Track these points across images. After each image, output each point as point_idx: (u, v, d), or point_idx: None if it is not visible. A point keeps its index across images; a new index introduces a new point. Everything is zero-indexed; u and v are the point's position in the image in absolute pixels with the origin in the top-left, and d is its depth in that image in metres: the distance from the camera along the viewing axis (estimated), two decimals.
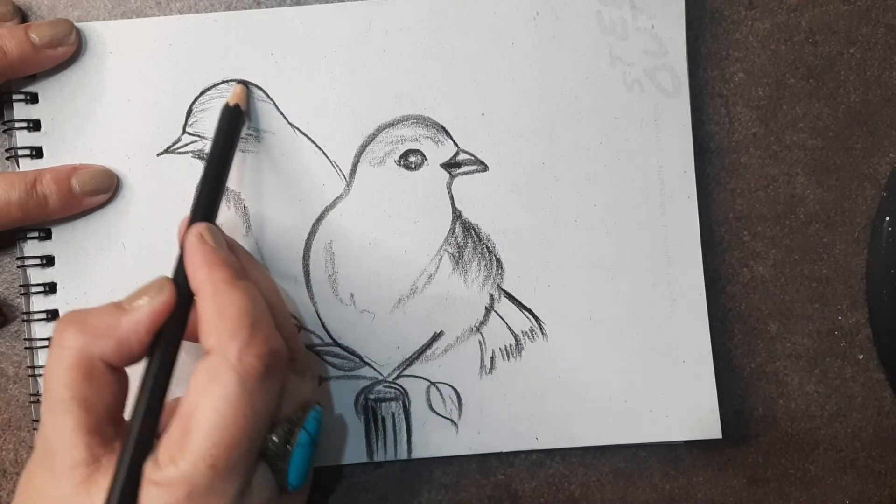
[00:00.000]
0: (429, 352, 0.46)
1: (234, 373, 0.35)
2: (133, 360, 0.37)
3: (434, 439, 0.46)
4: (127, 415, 0.37)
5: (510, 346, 0.46)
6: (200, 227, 0.39)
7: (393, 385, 0.46)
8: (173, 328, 0.37)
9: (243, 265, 0.40)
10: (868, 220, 0.48)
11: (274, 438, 0.37)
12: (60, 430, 0.35)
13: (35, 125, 0.46)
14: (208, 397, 0.34)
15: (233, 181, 0.46)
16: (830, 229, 0.48)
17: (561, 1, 0.46)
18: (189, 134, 0.46)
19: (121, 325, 0.36)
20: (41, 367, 0.45)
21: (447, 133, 0.46)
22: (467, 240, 0.46)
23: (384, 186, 0.46)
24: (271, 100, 0.46)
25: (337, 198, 0.46)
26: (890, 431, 0.48)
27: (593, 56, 0.46)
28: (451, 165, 0.46)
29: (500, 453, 0.47)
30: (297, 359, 0.41)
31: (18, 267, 0.46)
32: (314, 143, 0.46)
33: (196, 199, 0.41)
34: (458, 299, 0.46)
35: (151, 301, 0.37)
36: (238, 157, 0.46)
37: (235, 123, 0.44)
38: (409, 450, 0.46)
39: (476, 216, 0.46)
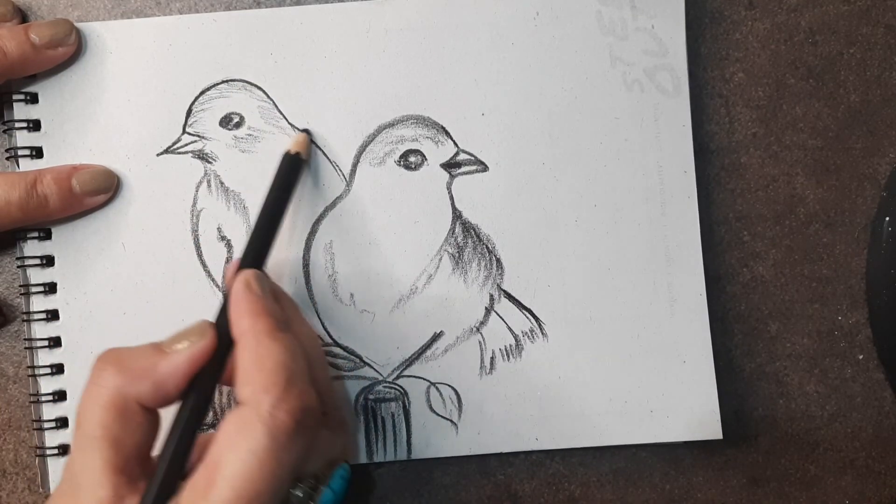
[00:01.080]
0: (429, 352, 0.46)
1: (264, 427, 0.34)
2: (168, 403, 0.37)
3: (434, 440, 0.46)
4: (155, 454, 0.37)
5: (510, 346, 0.46)
6: (248, 274, 0.39)
7: (393, 385, 0.46)
8: (210, 374, 0.37)
9: (287, 316, 0.40)
10: (868, 220, 0.48)
11: (298, 494, 0.37)
12: (88, 467, 0.35)
13: (35, 125, 0.46)
14: (236, 449, 0.34)
15: (233, 181, 0.46)
16: (830, 229, 0.48)
17: (561, 1, 0.46)
18: (189, 134, 0.46)
19: (159, 367, 0.36)
20: (41, 367, 0.46)
21: (447, 133, 0.46)
22: (467, 240, 0.46)
23: (384, 186, 0.46)
24: (271, 100, 0.46)
25: (337, 198, 0.46)
26: (890, 431, 0.48)
27: (593, 56, 0.46)
28: (451, 165, 0.46)
29: (500, 453, 0.47)
30: (330, 413, 0.40)
31: (18, 267, 0.46)
32: (314, 143, 0.46)
33: (247, 245, 0.41)
34: (458, 299, 0.46)
35: (191, 345, 0.37)
36: (239, 157, 0.46)
37: (295, 172, 0.44)
38: (409, 450, 0.46)
39: (476, 216, 0.46)
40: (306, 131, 0.46)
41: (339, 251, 0.46)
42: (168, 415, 0.37)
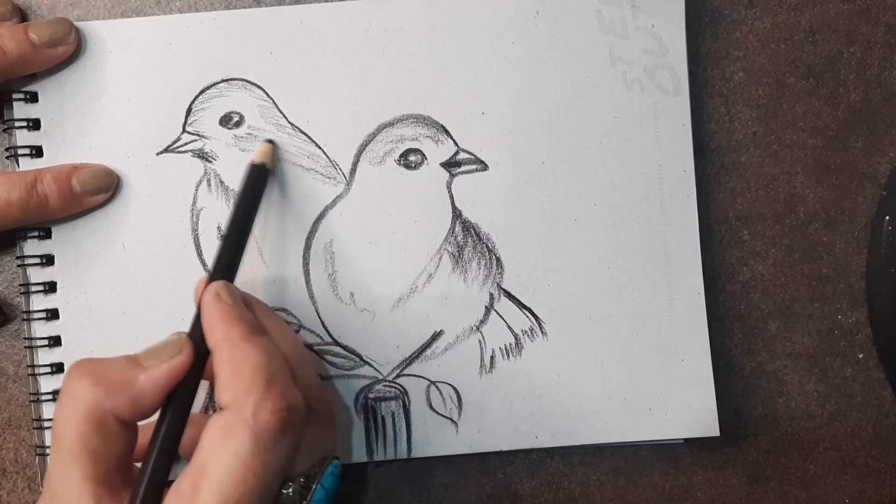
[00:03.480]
0: (429, 351, 0.46)
1: (248, 430, 0.35)
2: (144, 417, 0.37)
3: (434, 438, 0.46)
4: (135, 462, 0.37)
5: (510, 345, 0.46)
6: (217, 285, 0.39)
7: (393, 384, 0.46)
8: (187, 386, 0.37)
9: (260, 320, 0.40)
10: (868, 220, 0.48)
11: (289, 493, 0.37)
12: (68, 481, 0.35)
13: (35, 124, 0.46)
14: (221, 453, 0.34)
15: (233, 180, 0.46)
16: (830, 228, 0.48)
17: (561, 0, 0.46)
18: (189, 133, 0.46)
19: (137, 381, 0.36)
20: (41, 366, 0.46)
21: (447, 132, 0.46)
22: (467, 239, 0.46)
23: (384, 186, 0.46)
24: (271, 99, 0.46)
25: (337, 197, 0.46)
26: (890, 430, 0.48)
27: (593, 55, 0.46)
28: (450, 164, 0.46)
29: (500, 452, 0.47)
30: (319, 409, 0.40)
31: (18, 266, 0.46)
32: (314, 142, 0.46)
33: (217, 257, 0.41)
34: (458, 298, 0.46)
35: (170, 361, 0.37)
36: (238, 157, 0.46)
37: (261, 182, 0.44)
38: (409, 449, 0.46)
39: (476, 215, 0.46)
40: (270, 142, 0.46)
41: (339, 250, 0.46)
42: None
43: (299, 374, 0.39)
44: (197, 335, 0.38)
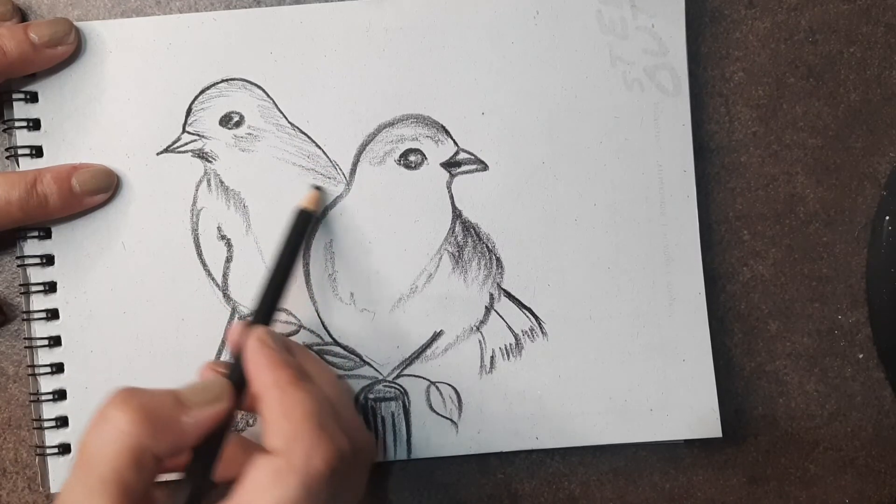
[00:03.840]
0: (429, 351, 0.46)
1: (298, 477, 0.35)
2: (177, 455, 0.36)
3: (434, 439, 0.46)
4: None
5: (510, 345, 0.46)
6: (261, 331, 0.40)
7: (393, 385, 0.46)
8: (223, 427, 0.37)
9: (303, 365, 0.40)
10: (868, 219, 0.48)
11: None
12: None
13: (35, 124, 0.46)
14: (267, 497, 0.34)
15: (233, 180, 0.46)
16: (830, 228, 0.48)
17: (561, 0, 0.46)
18: (189, 133, 0.46)
19: (181, 423, 0.36)
20: (41, 366, 0.45)
21: (447, 132, 0.46)
22: (467, 239, 0.46)
23: (384, 186, 0.46)
24: (271, 99, 0.46)
25: (337, 197, 0.46)
26: (890, 431, 0.48)
27: (593, 55, 0.46)
28: (451, 164, 0.46)
29: (500, 452, 0.47)
30: (361, 449, 0.40)
31: (18, 266, 0.46)
32: (314, 142, 0.46)
33: (258, 302, 0.41)
34: (458, 298, 0.46)
35: (215, 406, 0.37)
36: (238, 157, 0.46)
37: (305, 227, 0.44)
38: (409, 450, 0.46)
39: (476, 215, 0.46)
40: (318, 188, 0.46)
41: (339, 250, 0.46)
42: None
43: (342, 415, 0.39)
44: (235, 377, 0.38)
